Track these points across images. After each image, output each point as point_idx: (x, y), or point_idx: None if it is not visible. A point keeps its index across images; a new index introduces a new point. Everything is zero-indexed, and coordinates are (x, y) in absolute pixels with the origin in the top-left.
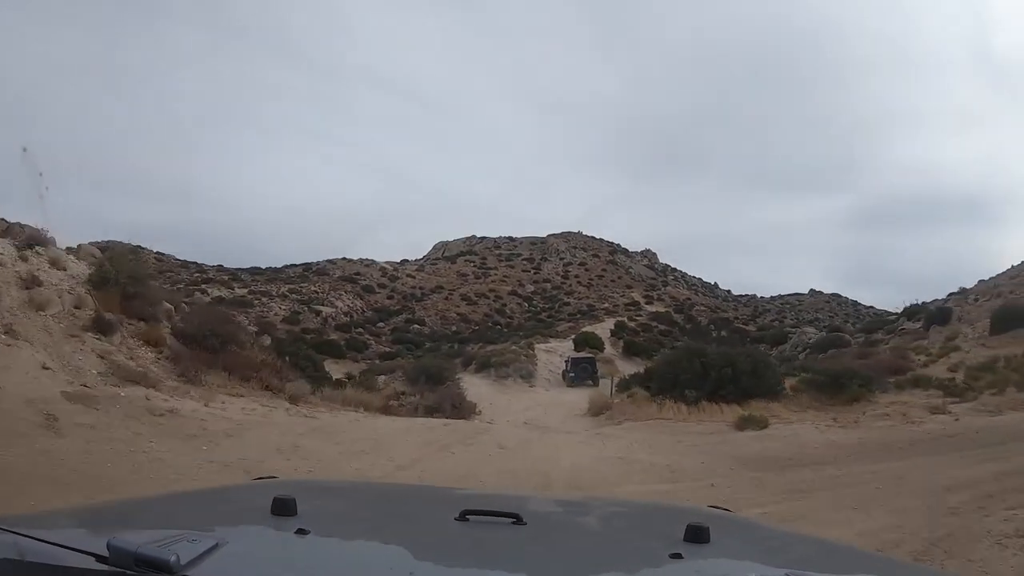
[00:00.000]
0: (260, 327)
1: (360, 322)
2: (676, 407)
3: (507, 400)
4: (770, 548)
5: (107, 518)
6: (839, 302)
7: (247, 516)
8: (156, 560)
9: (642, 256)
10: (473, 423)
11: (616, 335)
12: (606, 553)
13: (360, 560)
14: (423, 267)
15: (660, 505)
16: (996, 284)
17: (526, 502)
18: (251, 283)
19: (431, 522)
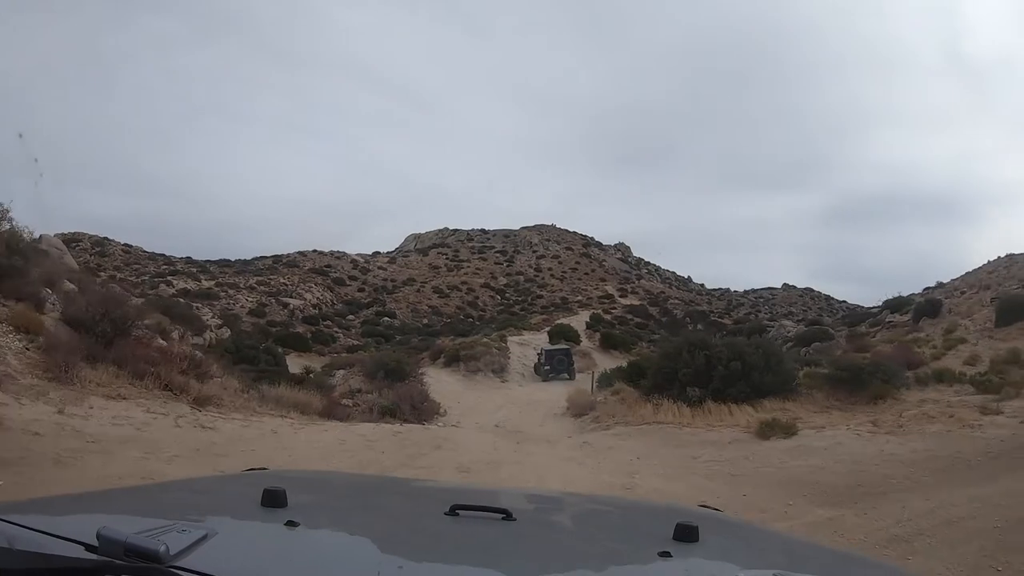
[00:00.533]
0: (224, 319)
1: (329, 315)
2: (675, 408)
3: (477, 397)
4: (759, 548)
5: (97, 507)
6: (812, 296)
7: (237, 507)
8: (146, 550)
9: (616, 249)
10: (432, 430)
11: (592, 328)
12: (595, 551)
13: (349, 553)
14: (395, 259)
15: (649, 504)
16: (976, 278)
17: (516, 498)
18: (219, 275)
19: (421, 516)
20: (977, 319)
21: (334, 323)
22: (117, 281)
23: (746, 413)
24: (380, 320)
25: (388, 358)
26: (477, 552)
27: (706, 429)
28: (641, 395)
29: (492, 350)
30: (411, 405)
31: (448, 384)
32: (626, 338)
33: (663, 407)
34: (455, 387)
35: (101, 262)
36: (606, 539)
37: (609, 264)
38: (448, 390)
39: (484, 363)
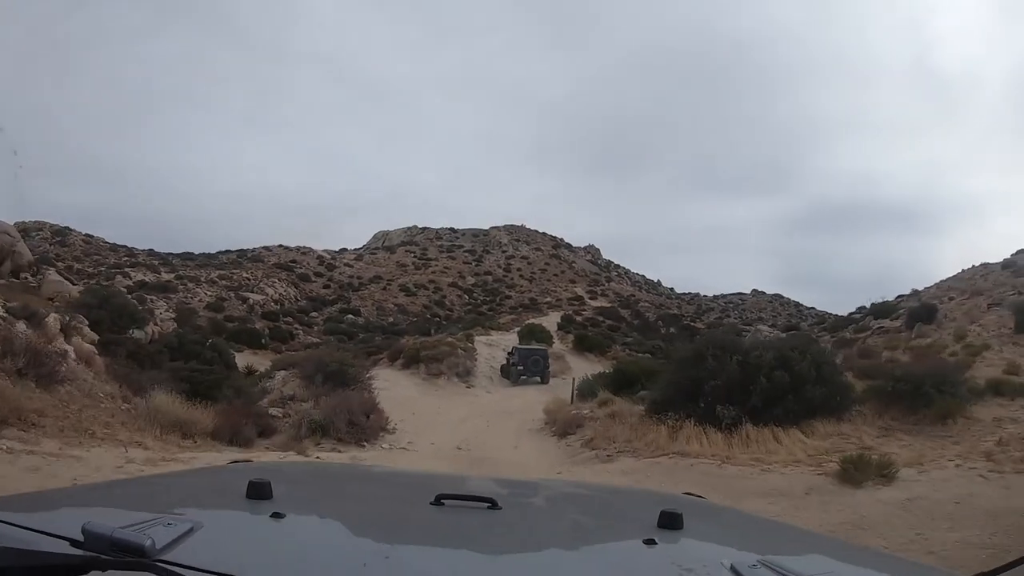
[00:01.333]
0: (179, 313)
1: (291, 311)
2: (702, 434)
3: (438, 406)
4: (743, 534)
5: (82, 501)
6: (782, 302)
7: (222, 500)
8: (131, 544)
9: (585, 251)
10: (372, 455)
11: (564, 329)
12: (580, 538)
13: (335, 544)
14: (362, 256)
15: (634, 491)
16: (965, 284)
17: (502, 487)
18: (180, 268)
19: (406, 507)
20: (988, 324)
21: (295, 320)
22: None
23: (797, 440)
24: (344, 318)
25: (329, 358)
26: (463, 541)
27: (757, 467)
28: (646, 413)
29: (457, 351)
30: (349, 420)
31: (405, 389)
32: (601, 340)
33: (683, 431)
34: (413, 393)
35: (60, 252)
36: (591, 527)
37: (579, 266)
38: (404, 397)
39: (448, 365)
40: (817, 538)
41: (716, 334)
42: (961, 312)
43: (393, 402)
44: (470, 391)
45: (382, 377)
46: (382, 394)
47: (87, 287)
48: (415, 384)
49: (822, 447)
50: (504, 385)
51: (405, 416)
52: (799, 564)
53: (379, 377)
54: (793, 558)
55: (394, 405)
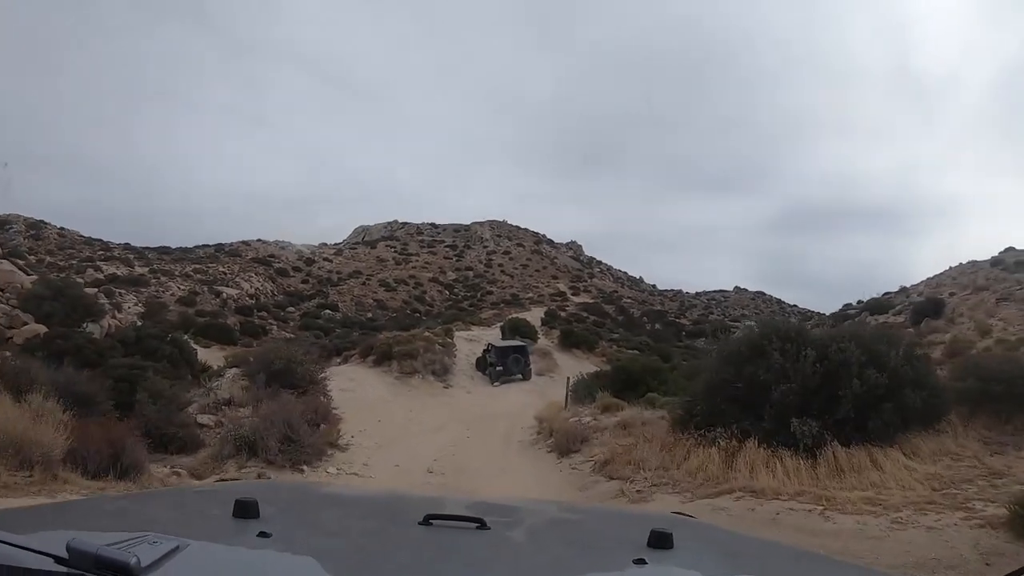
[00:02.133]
0: (148, 307)
1: (267, 306)
2: (767, 457)
3: (409, 410)
4: (733, 553)
5: (67, 518)
6: (764, 300)
7: (209, 518)
8: (116, 562)
9: (567, 247)
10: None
11: (548, 324)
12: (570, 558)
13: (322, 564)
14: (341, 251)
15: (624, 511)
16: (938, 283)
17: (490, 507)
18: (156, 262)
19: (394, 527)
20: (1010, 319)
21: (270, 314)
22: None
23: (900, 465)
24: (321, 313)
25: (276, 355)
26: (451, 561)
27: (876, 513)
28: (676, 426)
29: (434, 347)
30: (285, 436)
31: (373, 390)
32: (588, 336)
33: (742, 455)
34: (382, 395)
35: (34, 245)
36: (581, 547)
37: (561, 262)
38: (371, 400)
39: (423, 363)
40: (809, 557)
41: (777, 321)
42: (967, 307)
43: (357, 406)
44: (448, 392)
45: (348, 376)
46: (345, 396)
47: (41, 278)
48: (386, 384)
49: (935, 473)
50: (486, 384)
51: (368, 425)
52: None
53: (344, 376)
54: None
55: (358, 410)
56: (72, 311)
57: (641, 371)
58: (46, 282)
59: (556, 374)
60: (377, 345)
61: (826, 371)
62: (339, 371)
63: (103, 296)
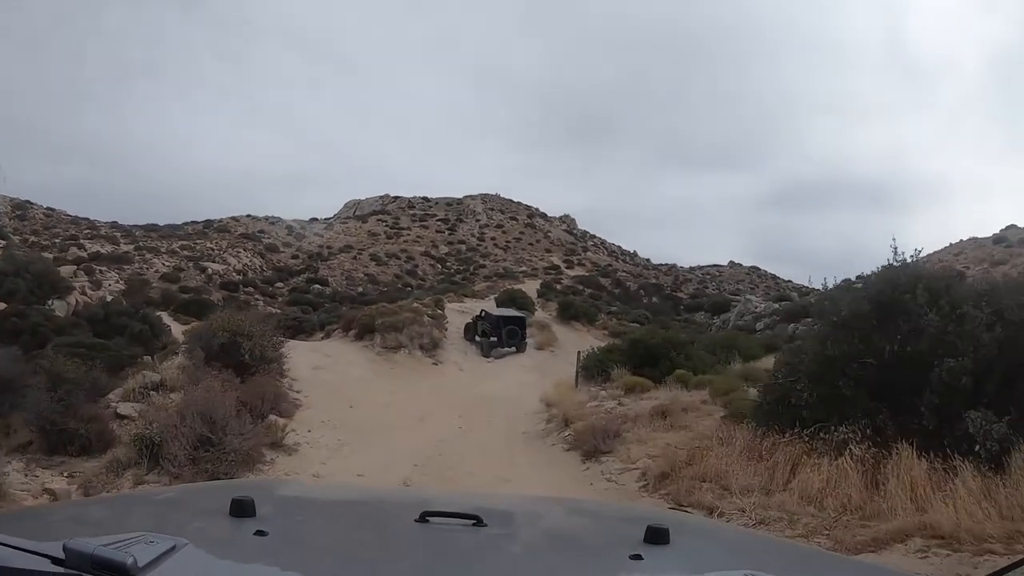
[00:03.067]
0: (129, 285)
1: (254, 281)
2: (937, 474)
3: (391, 392)
4: (729, 549)
5: (64, 519)
6: (759, 275)
7: (205, 517)
8: (113, 562)
9: (561, 221)
10: None
11: (544, 296)
12: (566, 554)
13: (319, 562)
14: (332, 226)
15: (620, 507)
16: (939, 259)
17: (487, 503)
18: (143, 239)
19: (391, 524)
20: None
21: (257, 290)
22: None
23: None
24: (310, 288)
25: (219, 325)
26: (448, 558)
27: None
28: (758, 419)
29: (423, 319)
30: (201, 436)
31: (350, 368)
32: (588, 308)
33: (890, 467)
34: (360, 373)
35: (19, 226)
36: (577, 543)
37: (554, 235)
38: (346, 380)
39: (409, 336)
40: (806, 552)
41: (921, 268)
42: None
43: (328, 389)
44: (437, 369)
45: (324, 352)
46: (317, 377)
47: (4, 253)
48: (366, 361)
49: None
50: (480, 360)
51: (336, 413)
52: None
53: (320, 352)
54: (781, 572)
55: (328, 393)
56: (37, 288)
57: (662, 344)
58: (9, 258)
59: (556, 348)
60: (359, 317)
61: (1005, 338)
62: (317, 346)
63: (83, 274)
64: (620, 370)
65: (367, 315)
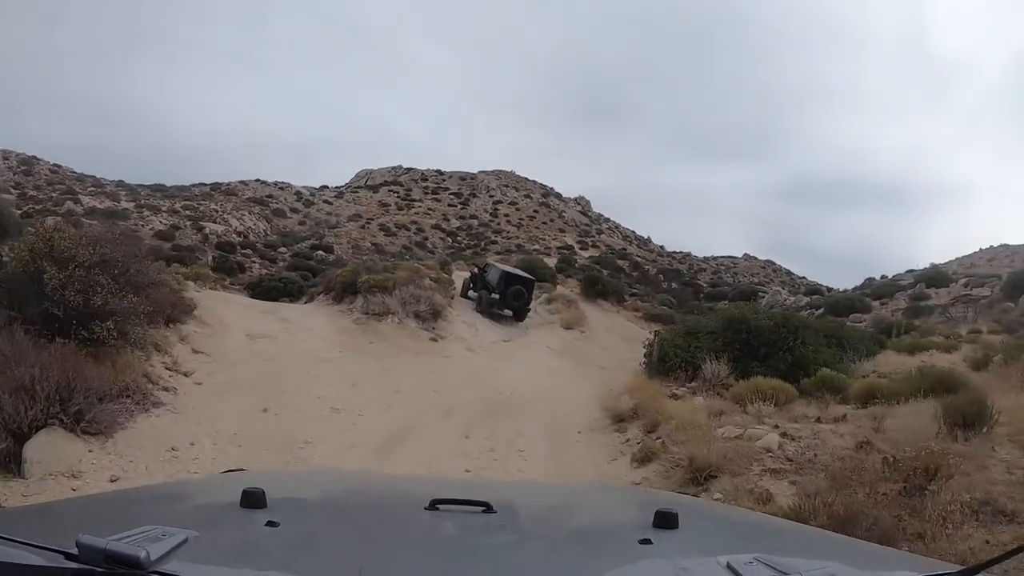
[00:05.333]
0: (120, 238)
1: (253, 243)
2: None
3: (351, 384)
4: (738, 533)
5: (76, 514)
6: (774, 269)
7: (217, 509)
8: (126, 556)
9: (576, 202)
10: None
11: (563, 272)
12: (576, 539)
13: (331, 551)
14: (342, 194)
15: (629, 492)
16: (972, 263)
17: (496, 490)
18: (146, 198)
19: (401, 512)
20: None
21: (256, 252)
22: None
23: None
24: (313, 254)
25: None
26: (458, 545)
27: None
28: None
29: (423, 280)
30: None
31: (309, 339)
32: (618, 285)
33: None
34: (319, 347)
35: (23, 180)
36: (586, 528)
37: (569, 215)
38: (293, 356)
39: (401, 299)
40: (814, 534)
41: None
42: None
43: (252, 373)
44: (437, 347)
45: (280, 316)
46: (245, 351)
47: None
48: (336, 331)
49: None
50: (494, 335)
51: (227, 425)
52: (796, 561)
53: (275, 316)
54: (790, 555)
55: (245, 381)
56: None
57: (776, 329)
58: None
59: (586, 328)
60: (339, 274)
61: None
62: (275, 308)
63: (72, 227)
64: (716, 363)
65: (349, 271)
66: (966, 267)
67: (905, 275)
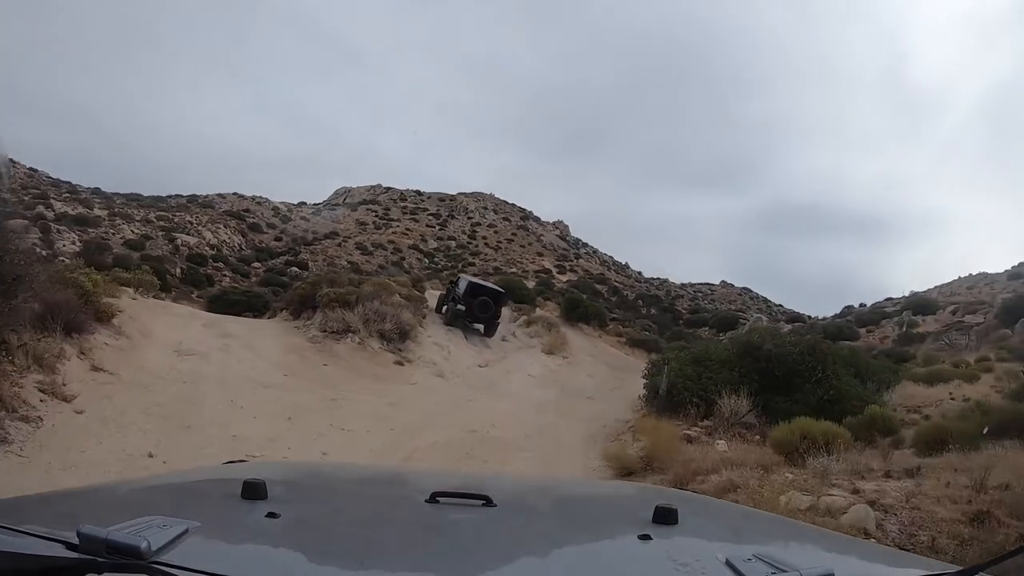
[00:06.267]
0: (86, 248)
1: (225, 257)
2: None
3: (285, 417)
4: (738, 528)
5: (77, 504)
6: (751, 296)
7: (217, 500)
8: (127, 546)
9: (554, 226)
10: None
11: (542, 294)
12: (575, 534)
13: (331, 543)
14: (320, 211)
15: (629, 487)
16: (952, 291)
17: (496, 484)
18: (120, 207)
19: (401, 505)
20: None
21: (228, 266)
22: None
23: None
24: (287, 270)
25: None
26: (458, 538)
27: None
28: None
29: (392, 296)
30: None
31: (252, 360)
32: (600, 309)
33: None
34: (261, 370)
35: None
36: (586, 522)
37: (547, 239)
38: (225, 379)
39: (364, 316)
40: (813, 532)
41: None
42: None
43: (164, 398)
44: (402, 372)
45: (223, 330)
46: (167, 369)
47: None
48: (285, 349)
49: None
50: (470, 359)
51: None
52: (794, 557)
53: (215, 329)
54: (789, 552)
55: (143, 411)
56: None
57: (804, 356)
58: None
59: (569, 354)
60: (298, 287)
61: None
62: (219, 320)
63: (38, 232)
64: (735, 397)
65: (308, 283)
66: (946, 295)
67: (886, 303)
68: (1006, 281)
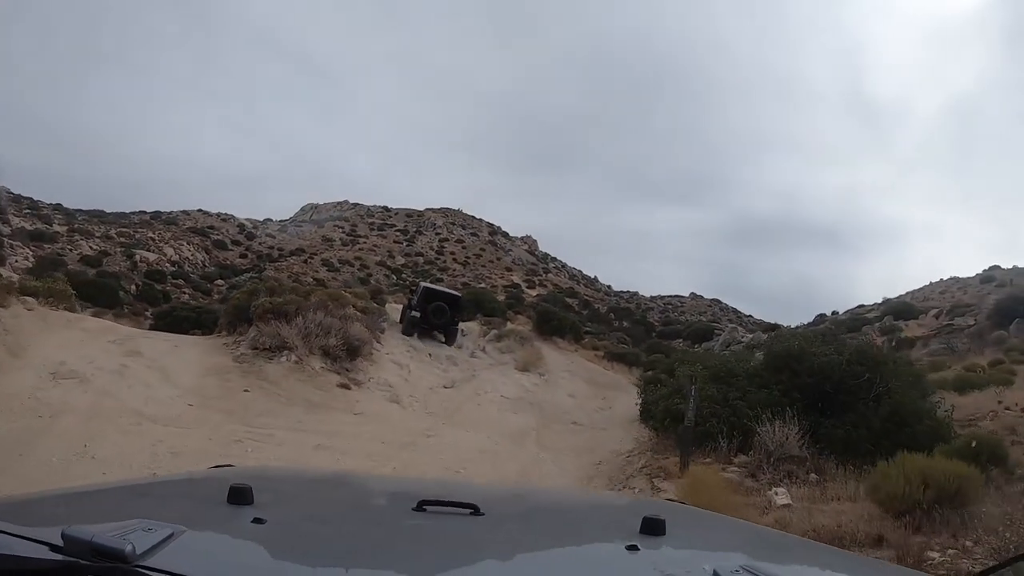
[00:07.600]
0: (40, 263)
1: (187, 274)
2: None
3: (191, 471)
4: (726, 540)
5: (61, 507)
6: (720, 307)
7: (203, 505)
8: (111, 550)
9: (523, 241)
10: None
11: (512, 308)
12: (562, 544)
13: (317, 549)
14: (286, 228)
15: (617, 498)
16: (925, 296)
17: (484, 493)
18: (81, 223)
19: (388, 512)
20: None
21: (188, 283)
22: None
23: None
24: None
25: None
26: (445, 547)
27: None
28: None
29: (345, 308)
30: None
31: (149, 386)
32: (575, 323)
33: None
34: (160, 401)
35: None
36: (574, 533)
37: (516, 255)
38: (96, 417)
39: (303, 331)
40: (801, 544)
41: None
42: None
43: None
44: (347, 397)
45: (129, 347)
46: (26, 403)
47: None
48: (209, 371)
49: None
50: (431, 372)
51: None
52: (782, 570)
53: (122, 347)
54: (776, 564)
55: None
56: None
57: (849, 370)
58: None
59: (545, 371)
60: (233, 298)
61: None
62: (136, 340)
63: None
64: (778, 423)
65: (244, 292)
66: (920, 300)
67: (859, 309)
68: (979, 284)
